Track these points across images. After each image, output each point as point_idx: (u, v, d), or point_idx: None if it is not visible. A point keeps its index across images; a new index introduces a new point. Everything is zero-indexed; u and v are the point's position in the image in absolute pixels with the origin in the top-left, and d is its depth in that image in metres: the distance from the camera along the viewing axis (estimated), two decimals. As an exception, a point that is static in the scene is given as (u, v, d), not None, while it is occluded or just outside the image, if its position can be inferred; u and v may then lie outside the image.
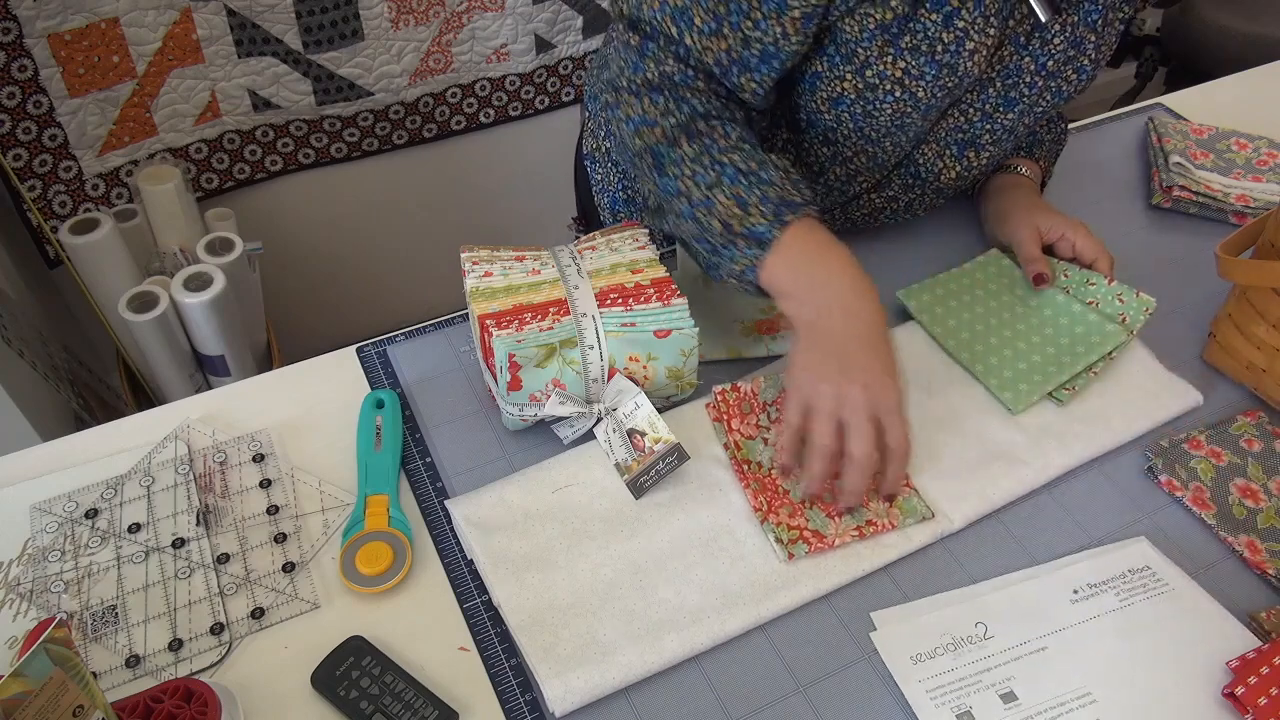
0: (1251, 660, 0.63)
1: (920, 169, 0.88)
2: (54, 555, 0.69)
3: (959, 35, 0.72)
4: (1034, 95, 0.81)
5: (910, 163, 0.88)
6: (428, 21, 1.71)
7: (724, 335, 0.86)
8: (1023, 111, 0.83)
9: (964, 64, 0.74)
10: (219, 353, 1.50)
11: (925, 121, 0.81)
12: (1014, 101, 0.82)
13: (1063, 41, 0.78)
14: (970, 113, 0.83)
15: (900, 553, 0.70)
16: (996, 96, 0.81)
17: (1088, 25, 0.78)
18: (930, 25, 0.72)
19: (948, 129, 0.84)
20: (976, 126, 0.84)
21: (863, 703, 0.63)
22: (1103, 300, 0.86)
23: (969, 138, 0.85)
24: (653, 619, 0.65)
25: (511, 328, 0.71)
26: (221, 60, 1.59)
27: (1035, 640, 0.66)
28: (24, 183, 1.49)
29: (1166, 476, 0.76)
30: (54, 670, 0.48)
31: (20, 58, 1.40)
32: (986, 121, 0.84)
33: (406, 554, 0.69)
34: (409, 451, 0.78)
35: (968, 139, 0.85)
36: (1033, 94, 0.81)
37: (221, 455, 0.76)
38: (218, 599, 0.67)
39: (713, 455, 0.76)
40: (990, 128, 0.84)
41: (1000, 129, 0.85)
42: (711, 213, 0.72)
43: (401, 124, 1.83)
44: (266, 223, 1.82)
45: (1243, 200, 1.01)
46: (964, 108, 0.82)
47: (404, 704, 0.60)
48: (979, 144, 0.86)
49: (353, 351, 0.87)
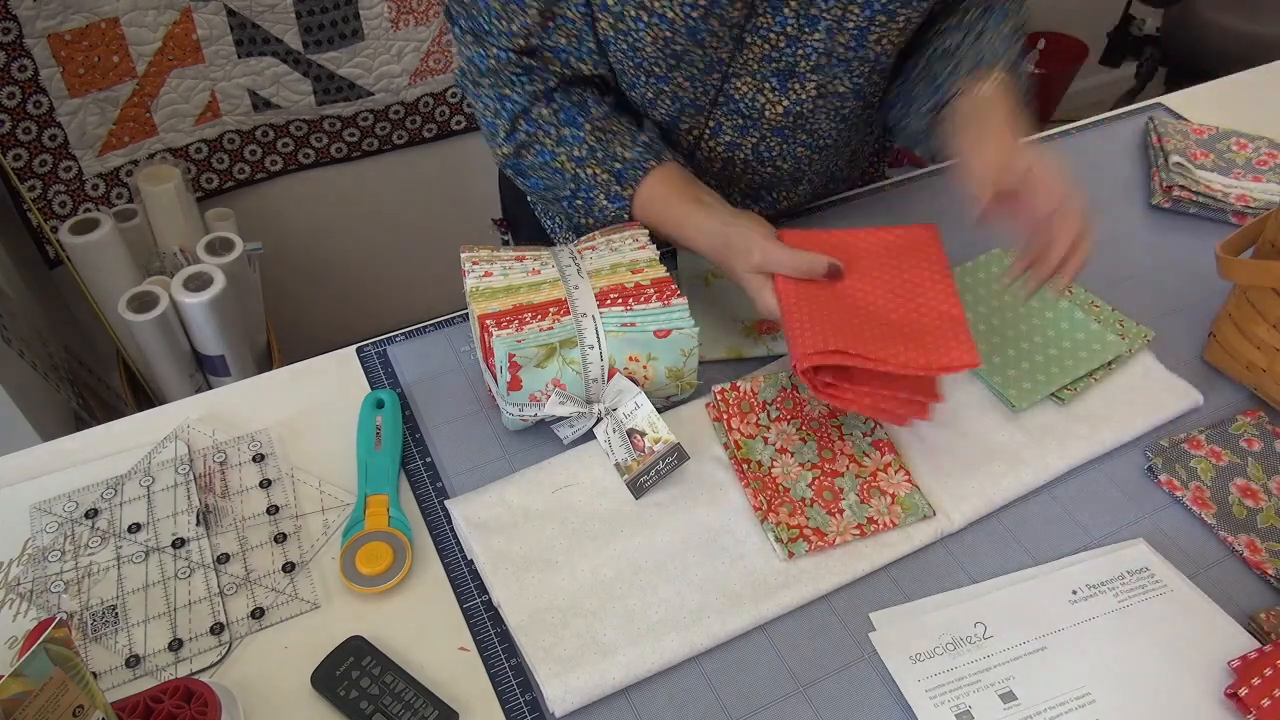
0: (1254, 661, 0.62)
1: (741, 105, 0.85)
2: (54, 555, 0.69)
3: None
4: (836, 10, 0.76)
5: (728, 100, 0.85)
6: (428, 21, 1.71)
7: (724, 335, 0.86)
8: (831, 28, 0.77)
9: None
10: (219, 353, 1.50)
11: (707, 49, 0.78)
12: (816, 19, 0.76)
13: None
14: (772, 37, 0.78)
15: (900, 552, 0.70)
16: (795, 16, 0.76)
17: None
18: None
19: (756, 59, 0.80)
20: (786, 53, 0.79)
21: (863, 703, 0.63)
22: (1104, 320, 0.86)
23: (784, 66, 0.81)
24: (653, 619, 0.65)
25: (511, 328, 0.71)
26: (221, 60, 1.60)
27: (1035, 640, 0.66)
28: (24, 183, 1.49)
29: (1166, 476, 0.76)
30: (54, 670, 0.48)
31: (20, 58, 1.40)
32: (796, 46, 0.79)
33: (406, 554, 0.69)
34: (409, 451, 0.78)
35: (784, 68, 0.81)
36: (831, 8, 0.76)
37: (221, 455, 0.76)
38: (218, 599, 0.67)
39: (713, 455, 0.76)
40: (804, 52, 0.79)
41: (815, 52, 0.79)
42: (575, 209, 0.85)
43: (401, 124, 1.83)
44: (266, 223, 1.82)
45: (1243, 200, 1.01)
46: (763, 33, 0.78)
47: (404, 704, 0.60)
48: (798, 73, 0.81)
49: (353, 351, 0.87)
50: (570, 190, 0.84)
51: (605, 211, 0.83)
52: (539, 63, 0.82)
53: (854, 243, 0.79)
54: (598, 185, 0.82)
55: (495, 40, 0.80)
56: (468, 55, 0.83)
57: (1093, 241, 0.72)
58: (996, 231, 1.00)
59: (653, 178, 0.81)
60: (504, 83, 0.82)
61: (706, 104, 0.85)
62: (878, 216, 1.01)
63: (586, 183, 0.82)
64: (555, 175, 0.84)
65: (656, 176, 0.81)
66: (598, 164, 0.82)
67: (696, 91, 0.83)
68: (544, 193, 0.87)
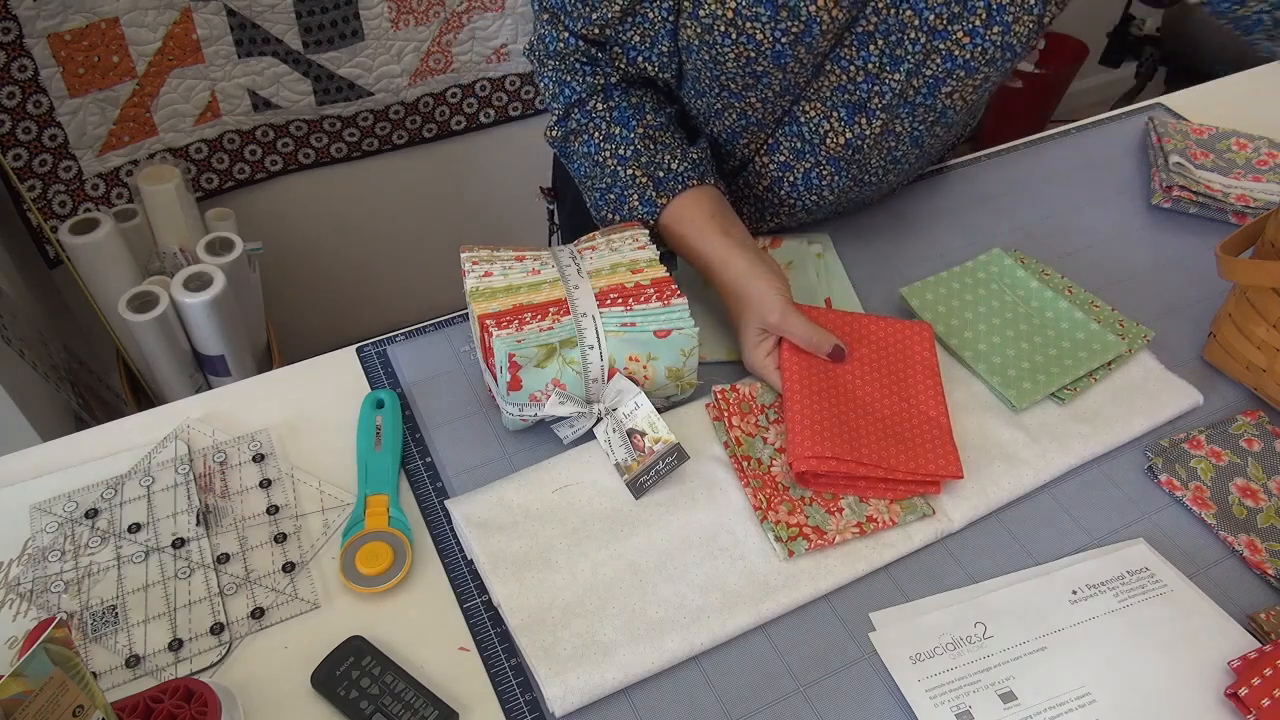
0: (1254, 661, 0.63)
1: (804, 129, 0.85)
2: (54, 555, 0.69)
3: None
4: (919, 55, 0.77)
5: (793, 122, 0.85)
6: (428, 21, 1.71)
7: (724, 335, 0.86)
8: (910, 73, 0.78)
9: (806, 7, 0.72)
10: (219, 353, 1.50)
11: (788, 74, 0.79)
12: (899, 60, 0.77)
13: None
14: (852, 70, 0.79)
15: (900, 551, 0.70)
16: (879, 54, 0.77)
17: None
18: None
19: (830, 87, 0.81)
20: (862, 87, 0.80)
21: (863, 703, 0.63)
22: (1104, 320, 0.86)
23: (856, 100, 0.81)
24: (653, 619, 0.65)
25: (511, 328, 0.71)
26: (221, 60, 1.60)
27: (1035, 640, 0.66)
28: (24, 183, 1.49)
29: (1166, 476, 0.76)
30: (54, 670, 0.48)
31: (20, 58, 1.40)
32: (872, 83, 0.79)
33: (406, 554, 0.69)
34: (409, 451, 0.78)
35: (855, 101, 0.81)
36: (917, 53, 0.76)
37: (221, 455, 0.76)
38: (218, 599, 0.67)
39: (713, 455, 0.76)
40: (878, 90, 0.80)
41: (889, 92, 0.80)
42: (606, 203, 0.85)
43: (401, 124, 1.83)
44: (266, 223, 1.82)
45: (1243, 200, 1.01)
46: (844, 64, 0.79)
47: (404, 704, 0.60)
48: (868, 108, 0.82)
49: (353, 351, 0.87)
50: (605, 184, 0.84)
51: (634, 213, 0.84)
52: (606, 56, 0.83)
53: (855, 327, 0.82)
54: (634, 187, 0.83)
55: (570, 23, 0.81)
56: (540, 33, 0.85)
57: None
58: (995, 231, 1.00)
59: (691, 194, 0.82)
60: (567, 69, 0.83)
61: (771, 123, 0.86)
62: (878, 217, 1.01)
63: (624, 181, 0.83)
64: (596, 168, 0.85)
65: (695, 194, 0.82)
66: (640, 168, 0.82)
67: (765, 111, 0.84)
68: (582, 179, 0.88)
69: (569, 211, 1.11)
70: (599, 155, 0.84)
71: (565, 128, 0.86)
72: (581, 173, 0.87)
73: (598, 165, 0.85)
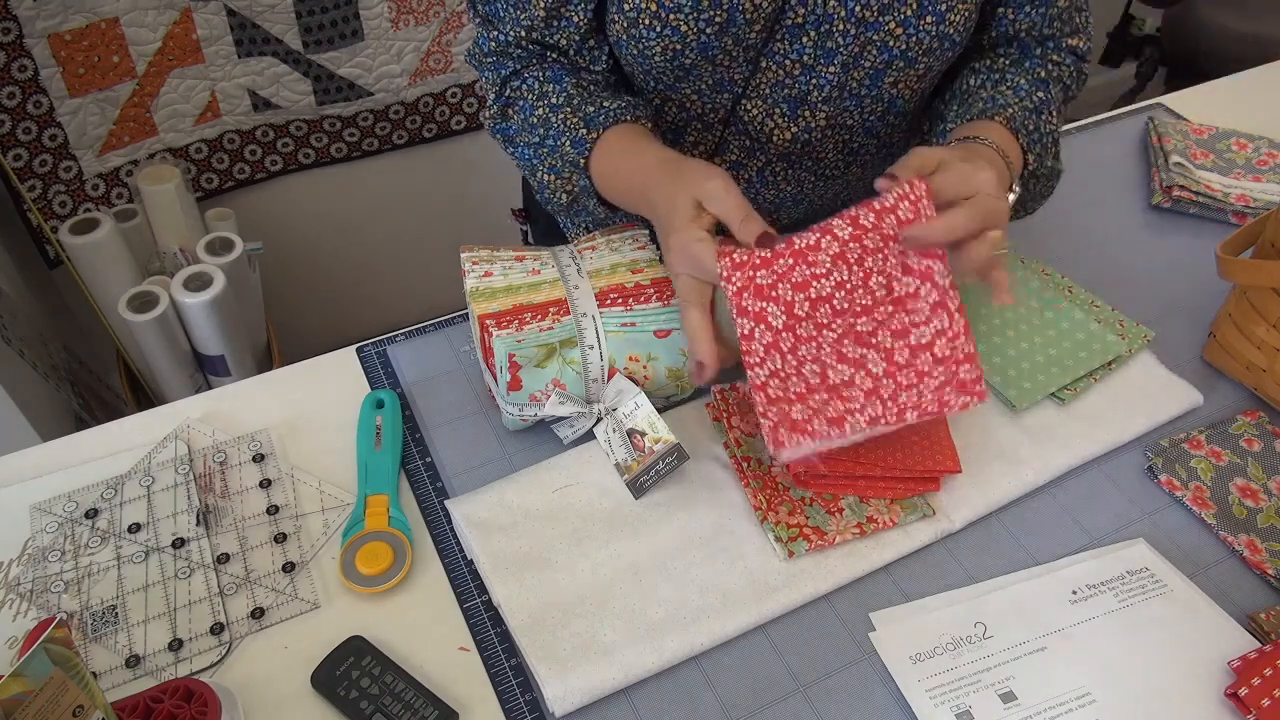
0: (1254, 661, 0.63)
1: (749, 127, 0.84)
2: (54, 555, 0.69)
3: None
4: (852, 47, 0.77)
5: (737, 120, 0.84)
6: (428, 21, 1.71)
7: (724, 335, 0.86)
8: (846, 65, 0.78)
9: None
10: (219, 353, 1.50)
11: (718, 67, 0.78)
12: (833, 53, 0.77)
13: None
14: (788, 64, 0.79)
15: (900, 551, 0.70)
16: (812, 46, 0.77)
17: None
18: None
19: (769, 84, 0.80)
20: (800, 81, 0.80)
21: (863, 703, 0.63)
22: (1104, 320, 0.86)
23: (796, 94, 0.81)
24: (653, 619, 0.65)
25: (511, 328, 0.71)
26: (221, 60, 1.60)
27: (1035, 640, 0.66)
28: (24, 183, 1.49)
29: (1166, 476, 0.76)
30: (54, 670, 0.48)
31: (20, 58, 1.40)
32: (809, 75, 0.79)
33: (406, 554, 0.69)
34: (409, 451, 0.78)
35: (795, 95, 0.81)
36: (849, 45, 0.76)
37: (221, 455, 0.76)
38: (218, 599, 0.67)
39: (713, 455, 0.76)
40: (816, 83, 0.79)
41: (827, 85, 0.79)
42: (541, 161, 0.81)
43: (401, 124, 1.83)
44: (266, 223, 1.82)
45: (1243, 200, 1.01)
46: (779, 59, 0.78)
47: (404, 704, 0.60)
48: (809, 101, 0.81)
49: (353, 351, 0.87)
50: (539, 137, 0.80)
51: (567, 158, 0.78)
52: (546, 51, 0.83)
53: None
54: (566, 130, 0.78)
55: (503, 28, 0.81)
56: (476, 36, 0.85)
57: (1001, 234, 0.65)
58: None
59: (622, 128, 0.77)
60: (506, 57, 0.83)
61: (716, 122, 0.86)
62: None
63: (556, 128, 0.79)
64: (530, 132, 0.81)
65: (626, 128, 0.77)
66: (572, 111, 0.79)
67: (705, 108, 0.84)
68: (524, 160, 0.84)
69: (542, 231, 1.11)
70: (533, 116, 0.81)
71: (502, 100, 0.84)
72: (521, 148, 0.84)
73: (531, 128, 0.81)
